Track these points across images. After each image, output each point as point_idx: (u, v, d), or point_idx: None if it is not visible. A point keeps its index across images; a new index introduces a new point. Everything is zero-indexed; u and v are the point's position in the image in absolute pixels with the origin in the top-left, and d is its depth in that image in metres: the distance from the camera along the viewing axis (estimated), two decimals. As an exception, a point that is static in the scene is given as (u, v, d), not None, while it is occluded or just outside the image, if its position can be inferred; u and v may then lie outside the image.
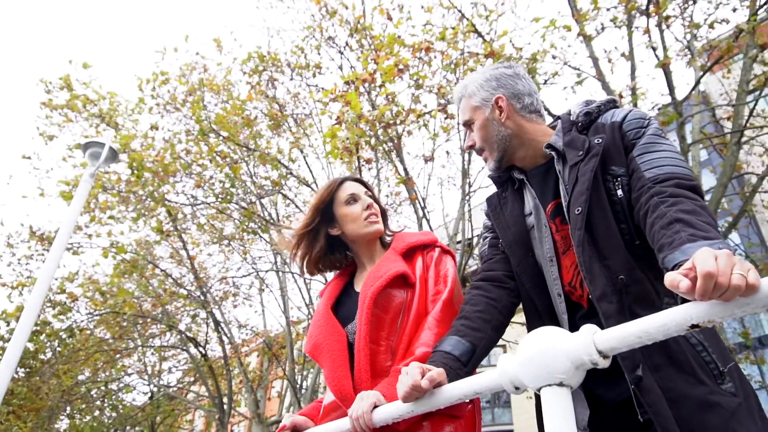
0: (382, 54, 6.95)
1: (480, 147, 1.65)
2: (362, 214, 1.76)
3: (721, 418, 1.16)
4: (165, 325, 11.67)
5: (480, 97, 1.63)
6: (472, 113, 1.65)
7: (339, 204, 1.79)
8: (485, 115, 1.62)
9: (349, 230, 1.77)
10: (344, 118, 6.04)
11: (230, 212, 10.84)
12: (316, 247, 1.78)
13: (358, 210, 1.77)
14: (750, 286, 0.84)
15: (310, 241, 1.78)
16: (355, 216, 1.77)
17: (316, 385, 14.07)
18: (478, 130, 1.63)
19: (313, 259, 1.81)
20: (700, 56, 8.24)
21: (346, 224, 1.78)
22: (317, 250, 1.78)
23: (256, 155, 8.34)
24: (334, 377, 1.51)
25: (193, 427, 21.17)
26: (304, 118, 11.12)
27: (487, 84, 1.64)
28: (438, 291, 1.60)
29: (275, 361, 14.01)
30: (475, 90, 1.65)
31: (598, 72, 8.21)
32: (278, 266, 13.03)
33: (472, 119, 1.65)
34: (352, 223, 1.77)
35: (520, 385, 1.11)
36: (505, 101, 1.60)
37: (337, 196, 1.80)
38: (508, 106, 1.60)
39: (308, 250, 1.79)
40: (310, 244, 1.79)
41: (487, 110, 1.62)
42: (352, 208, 1.78)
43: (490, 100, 1.62)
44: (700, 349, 1.25)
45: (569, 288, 1.44)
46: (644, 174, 1.31)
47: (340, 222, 1.78)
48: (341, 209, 1.78)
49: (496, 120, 1.60)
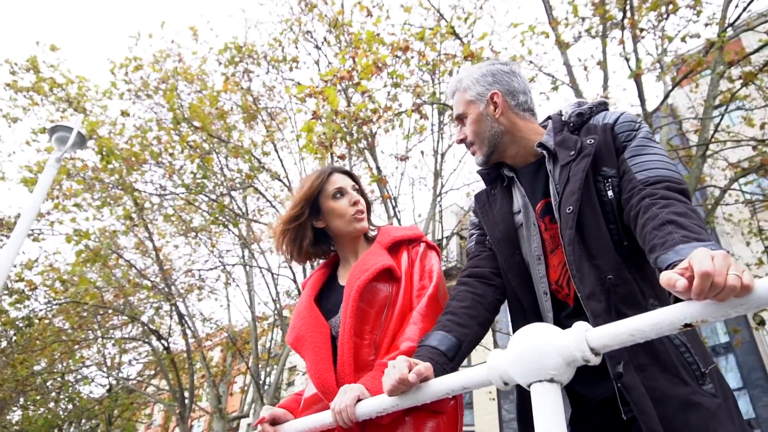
0: (360, 51, 6.93)
1: (471, 141, 1.64)
2: (349, 210, 1.73)
3: (703, 418, 1.18)
4: (127, 316, 11.43)
5: (475, 92, 1.63)
6: (466, 107, 1.64)
7: (326, 197, 1.76)
8: (479, 110, 1.61)
9: (335, 225, 1.75)
10: (321, 113, 6.01)
11: (199, 204, 10.68)
12: (305, 239, 1.75)
13: (345, 205, 1.74)
14: (745, 286, 0.86)
15: (298, 233, 1.75)
16: (341, 212, 1.73)
17: (280, 382, 13.97)
18: (470, 124, 1.63)
19: (304, 252, 1.77)
20: (669, 70, 8.45)
21: (332, 219, 1.75)
22: (307, 242, 1.75)
23: (229, 147, 8.22)
24: (316, 370, 1.49)
25: (151, 421, 20.79)
26: (278, 112, 11.03)
27: (483, 79, 1.63)
28: (423, 286, 1.60)
29: (239, 356, 13.85)
30: (471, 84, 1.64)
31: (572, 79, 8.35)
32: (246, 260, 12.90)
33: (466, 113, 1.64)
34: (338, 219, 1.74)
35: (509, 380, 1.11)
36: (500, 97, 1.60)
37: (325, 188, 1.76)
38: (503, 103, 1.60)
39: (297, 242, 1.76)
40: (298, 236, 1.75)
41: (482, 105, 1.61)
42: (338, 203, 1.74)
43: (485, 95, 1.61)
44: (683, 350, 1.28)
45: (556, 287, 1.45)
46: (635, 176, 1.33)
47: (326, 215, 1.76)
48: (328, 203, 1.75)
49: (489, 115, 1.60)
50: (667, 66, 8.51)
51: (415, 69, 7.52)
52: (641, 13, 6.67)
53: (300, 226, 1.74)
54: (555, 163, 1.49)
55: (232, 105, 9.91)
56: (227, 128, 9.51)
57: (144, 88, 9.62)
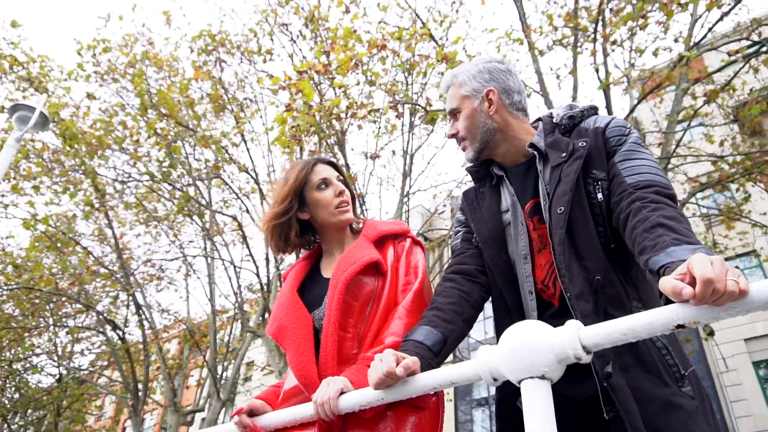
0: (337, 46, 6.89)
1: (463, 136, 1.64)
2: (333, 201, 1.71)
3: (682, 420, 1.21)
4: (82, 304, 11.10)
5: (471, 87, 1.63)
6: (460, 102, 1.65)
7: (310, 188, 1.73)
8: (473, 106, 1.62)
9: (320, 216, 1.72)
10: (295, 106, 5.95)
11: (163, 192, 10.45)
12: (292, 231, 1.72)
13: (330, 196, 1.71)
14: (742, 291, 0.88)
15: (284, 227, 1.72)
16: (326, 203, 1.71)
17: (237, 377, 13.79)
18: (464, 119, 1.63)
19: (291, 244, 1.74)
20: (635, 84, 8.67)
21: (317, 210, 1.72)
22: (293, 234, 1.73)
23: (198, 136, 8.06)
24: (298, 362, 1.46)
25: (101, 413, 20.25)
26: (249, 104, 10.88)
27: (480, 75, 1.64)
28: (408, 281, 1.59)
29: (196, 350, 13.62)
30: (467, 80, 1.65)
31: (542, 87, 8.48)
32: (208, 252, 12.69)
33: (460, 108, 1.65)
34: (322, 210, 1.71)
35: (499, 376, 1.11)
36: (496, 95, 1.61)
37: (310, 179, 1.74)
38: (498, 100, 1.60)
39: (283, 235, 1.73)
40: (284, 230, 1.72)
41: (477, 101, 1.62)
42: (323, 194, 1.72)
43: (481, 91, 1.62)
44: (665, 352, 1.31)
45: (542, 286, 1.47)
46: (625, 180, 1.35)
47: (311, 207, 1.73)
48: (312, 194, 1.73)
49: (484, 112, 1.60)
50: (633, 80, 8.72)
51: (390, 68, 7.51)
52: (616, 26, 6.81)
53: (287, 220, 1.71)
54: (545, 164, 1.50)
55: (202, 94, 9.73)
56: (196, 117, 9.33)
57: (111, 71, 9.36)
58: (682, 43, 7.89)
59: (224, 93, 9.61)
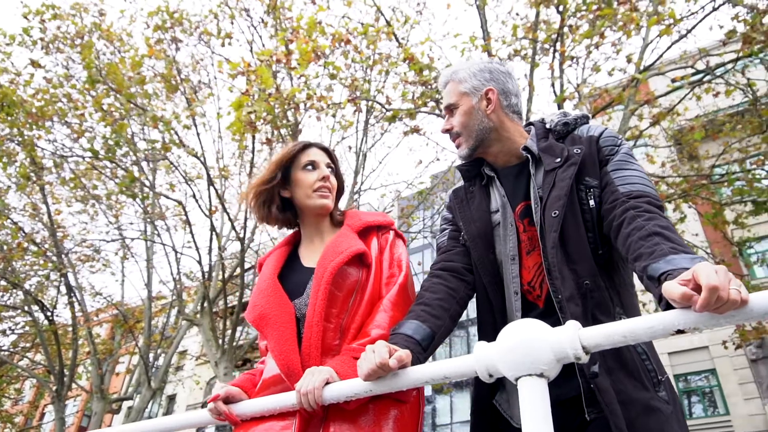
0: (300, 36, 6.81)
1: (457, 132, 1.65)
2: (314, 184, 1.70)
3: (660, 423, 1.25)
4: (8, 282, 10.52)
5: (470, 85, 1.64)
6: (458, 98, 1.65)
7: (296, 166, 1.72)
8: (472, 103, 1.63)
9: (297, 196, 1.71)
10: (253, 91, 5.84)
11: (104, 170, 10.03)
12: (273, 204, 1.71)
13: (312, 179, 1.69)
14: (743, 301, 0.91)
15: (267, 197, 1.71)
16: (306, 183, 1.68)
17: (169, 365, 13.40)
18: (460, 116, 1.64)
19: (272, 217, 1.73)
20: (586, 101, 8.97)
21: (296, 190, 1.70)
22: (274, 207, 1.71)
23: (148, 115, 7.78)
24: (281, 351, 1.43)
25: (20, 396, 19.25)
26: (202, 87, 10.60)
27: (481, 74, 1.65)
28: (392, 274, 1.58)
29: (129, 335, 13.16)
30: (467, 77, 1.65)
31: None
32: (148, 236, 12.29)
33: (457, 104, 1.65)
34: (300, 190, 1.69)
35: (495, 373, 1.12)
36: (495, 94, 1.62)
37: (298, 158, 1.72)
38: (496, 100, 1.62)
39: (266, 205, 1.71)
40: (267, 200, 1.71)
41: (475, 99, 1.63)
42: (306, 175, 1.70)
43: (480, 89, 1.63)
44: (645, 357, 1.35)
45: (528, 287, 1.49)
46: (618, 188, 1.39)
47: (293, 185, 1.71)
48: (297, 172, 1.71)
49: (481, 110, 1.62)
50: (584, 96, 9.02)
51: (351, 63, 7.48)
52: (576, 41, 7.01)
53: (270, 190, 1.70)
54: (537, 168, 1.52)
55: (155, 73, 9.40)
56: (146, 95, 9.00)
57: (59, 40, 8.91)
58: (634, 64, 8.21)
59: (178, 74, 9.32)
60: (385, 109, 7.27)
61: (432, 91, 7.03)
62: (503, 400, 1.53)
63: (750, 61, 7.53)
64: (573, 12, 7.58)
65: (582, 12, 7.45)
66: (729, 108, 9.03)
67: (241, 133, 6.27)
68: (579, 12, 7.39)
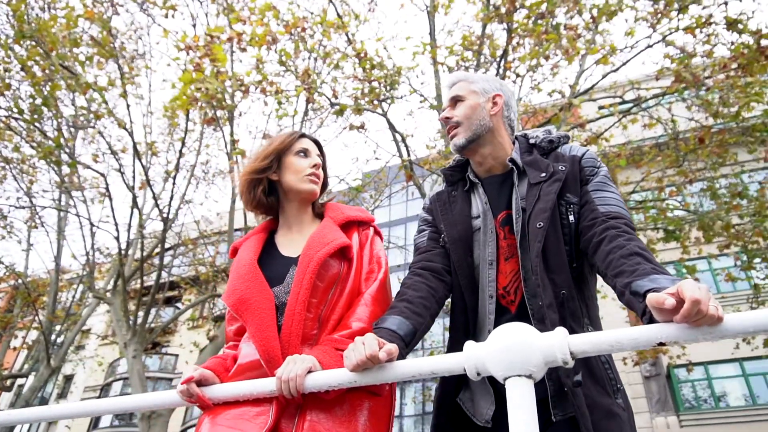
0: (255, 18, 6.67)
1: (458, 121, 1.71)
2: (306, 169, 1.73)
3: (619, 427, 1.36)
4: None
5: (481, 86, 1.74)
6: (467, 93, 1.73)
7: (290, 153, 1.74)
8: (479, 101, 1.71)
9: (287, 180, 1.71)
10: (204, 67, 5.67)
11: (20, 132, 9.38)
12: (260, 188, 1.71)
13: (305, 164, 1.73)
14: (719, 318, 1.01)
15: (257, 182, 1.71)
16: (299, 168, 1.71)
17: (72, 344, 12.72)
18: (465, 108, 1.71)
19: (254, 201, 1.72)
20: (519, 118, 9.33)
21: (287, 173, 1.71)
22: (260, 191, 1.71)
23: (80, 80, 7.36)
24: (261, 337, 1.42)
25: None
26: (136, 56, 10.13)
27: (492, 82, 1.76)
28: (371, 270, 1.61)
29: (30, 309, 12.38)
30: (478, 80, 1.76)
31: (440, 103, 8.83)
32: (62, 205, 11.61)
33: (464, 98, 1.73)
34: (292, 174, 1.71)
35: (483, 371, 1.17)
36: (502, 99, 1.73)
37: (293, 145, 1.75)
38: (501, 107, 1.73)
39: (253, 190, 1.71)
40: (255, 185, 1.71)
41: (483, 98, 1.72)
42: (299, 160, 1.73)
43: (490, 92, 1.73)
44: (607, 367, 1.45)
45: (502, 292, 1.55)
46: (598, 208, 1.48)
47: (283, 169, 1.72)
48: (289, 157, 1.73)
49: (486, 110, 1.70)
50: (519, 114, 9.37)
51: (303, 52, 7.40)
52: (522, 60, 7.27)
53: (262, 178, 1.71)
54: (521, 180, 1.60)
55: (90, 36, 8.90)
56: (77, 59, 8.50)
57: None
58: (569, 87, 8.61)
59: (114, 40, 8.86)
60: (331, 103, 7.24)
61: (380, 90, 7.08)
62: (467, 399, 1.59)
63: (676, 99, 8.07)
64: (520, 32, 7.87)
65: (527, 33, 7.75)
66: (651, 139, 9.64)
67: (185, 110, 6.06)
68: (525, 32, 7.67)
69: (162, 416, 8.98)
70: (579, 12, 7.42)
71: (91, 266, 10.97)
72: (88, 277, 10.93)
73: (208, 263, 13.58)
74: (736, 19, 6.49)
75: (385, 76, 7.22)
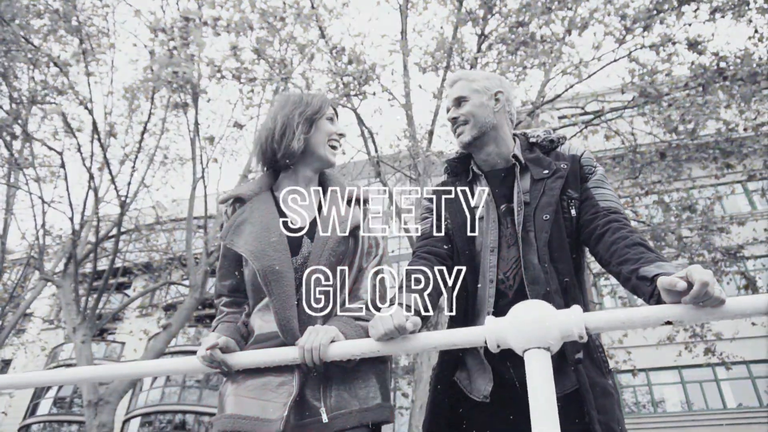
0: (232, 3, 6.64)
1: (465, 120, 1.79)
2: (333, 134, 1.78)
3: (613, 405, 1.49)
4: None
5: (482, 85, 1.81)
6: (470, 93, 1.80)
7: (322, 116, 1.77)
8: (482, 99, 1.79)
9: (314, 141, 1.73)
10: (180, 49, 5.61)
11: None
12: (293, 139, 1.70)
13: (333, 129, 1.78)
14: (722, 300, 1.13)
15: (291, 134, 1.70)
16: (328, 130, 1.76)
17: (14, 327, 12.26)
18: (471, 106, 1.78)
19: (284, 150, 1.70)
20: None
21: (316, 135, 1.74)
22: (292, 141, 1.70)
23: (41, 56, 7.14)
24: (283, 309, 1.47)
25: None
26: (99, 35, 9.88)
27: (492, 80, 1.84)
28: (371, 245, 1.70)
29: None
30: (479, 78, 1.83)
31: (408, 102, 8.97)
32: (11, 182, 11.19)
33: (468, 97, 1.80)
34: (321, 136, 1.74)
35: (503, 344, 1.26)
36: (504, 96, 1.81)
37: (324, 109, 1.77)
38: (503, 103, 1.81)
39: (286, 140, 1.70)
40: (289, 137, 1.70)
41: (485, 96, 1.79)
42: (330, 125, 1.78)
43: (492, 90, 1.80)
44: (600, 350, 1.59)
45: (502, 277, 1.66)
46: (599, 203, 1.62)
47: (314, 131, 1.74)
48: (321, 120, 1.76)
49: (489, 107, 1.78)
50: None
51: (280, 41, 7.39)
52: (501, 69, 7.44)
53: (295, 131, 1.71)
54: (523, 175, 1.71)
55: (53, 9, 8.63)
56: (37, 32, 8.24)
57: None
58: (538, 94, 8.88)
59: (77, 15, 8.62)
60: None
61: (354, 85, 7.14)
62: (464, 378, 1.68)
63: (637, 112, 8.41)
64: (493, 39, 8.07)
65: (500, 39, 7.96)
66: (609, 151, 10.03)
67: (152, 92, 5.97)
68: (499, 39, 7.88)
69: (109, 404, 8.78)
70: (550, 22, 7.67)
71: (41, 247, 10.62)
72: (37, 258, 10.58)
73: (162, 250, 13.35)
74: (697, 40, 6.84)
75: (360, 72, 7.29)
